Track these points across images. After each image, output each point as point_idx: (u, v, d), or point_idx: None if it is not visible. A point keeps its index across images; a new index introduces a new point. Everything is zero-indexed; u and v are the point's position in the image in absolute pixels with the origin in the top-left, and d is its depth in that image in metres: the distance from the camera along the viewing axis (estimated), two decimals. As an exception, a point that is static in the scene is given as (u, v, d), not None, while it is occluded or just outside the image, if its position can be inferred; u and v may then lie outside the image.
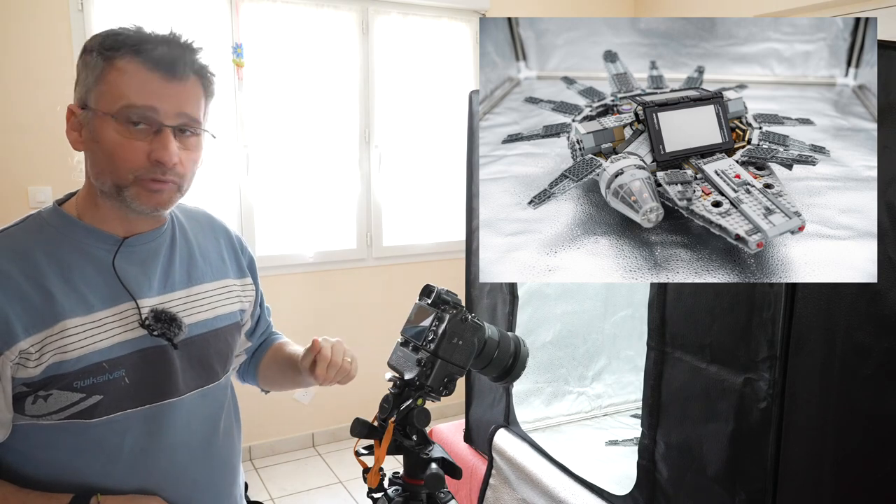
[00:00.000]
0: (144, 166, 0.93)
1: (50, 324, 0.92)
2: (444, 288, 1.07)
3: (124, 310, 0.98)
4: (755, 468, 1.13)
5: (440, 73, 3.50)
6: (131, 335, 0.98)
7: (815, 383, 1.09)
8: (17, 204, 2.74)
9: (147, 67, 0.92)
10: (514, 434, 1.85)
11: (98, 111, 0.93)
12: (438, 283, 1.08)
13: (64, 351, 0.92)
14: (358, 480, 3.00)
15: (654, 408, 1.34)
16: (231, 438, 1.15)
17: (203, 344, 1.07)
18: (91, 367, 0.93)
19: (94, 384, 0.94)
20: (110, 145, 0.93)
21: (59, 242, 0.97)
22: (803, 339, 1.07)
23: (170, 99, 0.94)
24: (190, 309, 1.06)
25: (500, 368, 1.12)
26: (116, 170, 0.94)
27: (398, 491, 1.03)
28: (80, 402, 0.93)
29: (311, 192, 3.29)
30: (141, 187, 0.95)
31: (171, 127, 0.94)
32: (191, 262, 1.10)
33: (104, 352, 0.95)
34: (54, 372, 0.92)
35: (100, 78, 0.93)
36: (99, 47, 0.93)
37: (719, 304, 1.18)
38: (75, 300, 0.95)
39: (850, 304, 1.09)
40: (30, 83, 2.70)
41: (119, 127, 0.92)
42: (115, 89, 0.92)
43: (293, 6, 3.10)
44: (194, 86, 0.97)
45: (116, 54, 0.92)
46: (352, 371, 1.14)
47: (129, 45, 0.92)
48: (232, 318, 1.14)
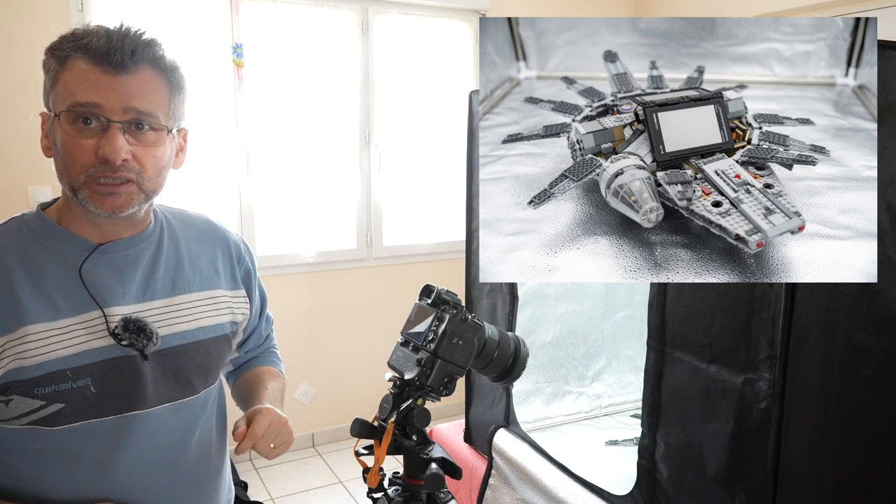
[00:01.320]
0: (93, 164, 0.90)
1: (12, 328, 0.91)
2: (444, 288, 1.07)
3: (92, 318, 0.95)
4: (755, 468, 1.13)
5: (440, 73, 3.50)
6: (99, 343, 0.95)
7: (815, 383, 1.09)
8: (17, 204, 2.74)
9: (91, 62, 0.90)
10: (514, 434, 1.85)
11: (54, 113, 0.92)
12: (438, 283, 1.08)
13: (23, 357, 0.90)
14: (358, 480, 3.00)
15: (654, 408, 1.34)
16: (207, 457, 1.10)
17: (180, 356, 1.03)
18: (53, 374, 0.91)
19: (55, 392, 0.91)
20: (61, 146, 0.91)
21: (34, 246, 0.96)
22: (803, 339, 1.07)
23: (114, 93, 0.90)
24: (169, 319, 1.03)
25: (500, 368, 1.12)
26: (69, 171, 0.91)
27: (398, 491, 1.03)
28: (41, 410, 0.91)
29: (311, 192, 3.29)
30: (92, 189, 0.92)
31: (121, 122, 0.91)
32: (177, 271, 1.06)
33: (67, 359, 0.92)
34: (13, 377, 0.90)
35: (55, 80, 0.92)
36: (52, 49, 0.92)
37: (719, 304, 1.18)
38: (43, 305, 0.93)
39: (850, 304, 1.09)
40: (30, 83, 2.70)
41: (68, 127, 0.90)
42: (65, 89, 0.91)
43: (293, 6, 3.10)
44: (147, 78, 0.93)
45: (64, 53, 0.91)
46: (271, 454, 1.02)
47: (73, 42, 0.90)
48: (219, 330, 1.09)
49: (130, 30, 0.92)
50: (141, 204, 0.96)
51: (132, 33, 0.92)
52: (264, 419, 1.00)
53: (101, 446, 0.96)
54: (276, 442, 1.01)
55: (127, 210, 0.95)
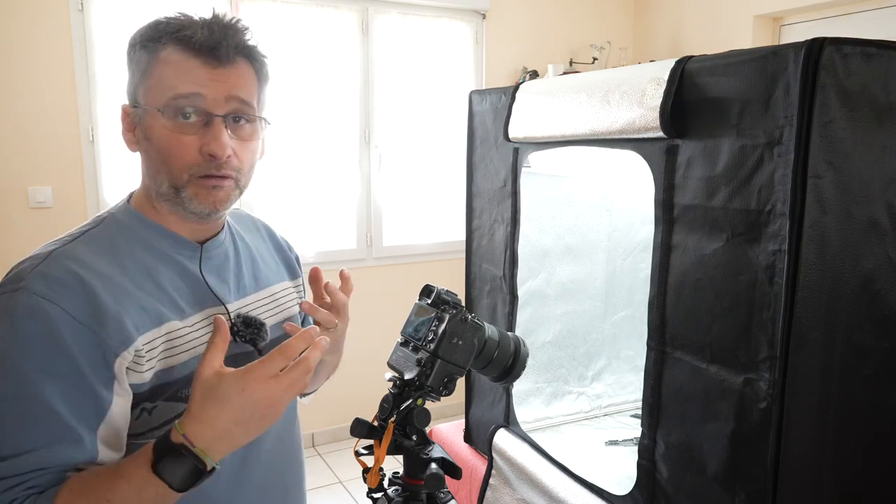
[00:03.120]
0: (198, 162, 0.87)
1: (158, 323, 0.87)
2: (444, 288, 1.07)
3: (211, 315, 0.94)
4: (755, 468, 1.13)
5: (440, 73, 3.51)
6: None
7: (815, 383, 1.09)
8: (17, 204, 2.74)
9: (189, 54, 0.86)
10: (514, 434, 1.85)
11: (147, 107, 0.88)
12: (438, 283, 1.08)
13: (171, 355, 0.87)
14: (358, 480, 2.99)
15: (654, 408, 1.34)
16: (300, 445, 1.14)
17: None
18: (195, 373, 0.85)
19: None
20: (162, 142, 0.87)
21: (139, 245, 0.92)
22: (803, 339, 1.07)
23: (217, 84, 0.87)
24: (265, 313, 1.03)
25: (500, 368, 1.12)
26: (171, 168, 0.88)
27: (398, 491, 1.03)
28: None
29: (311, 192, 3.29)
30: (198, 186, 0.88)
31: (222, 116, 0.87)
32: (254, 266, 1.06)
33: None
34: (162, 380, 0.86)
35: (146, 72, 0.87)
36: (141, 40, 0.88)
37: (719, 304, 1.18)
38: (168, 303, 0.90)
39: (850, 304, 1.09)
40: (30, 83, 2.70)
41: (168, 122, 0.86)
42: (162, 82, 0.86)
43: (293, 6, 3.10)
44: (243, 69, 0.90)
45: (158, 45, 0.86)
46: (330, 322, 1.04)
47: (169, 33, 0.86)
48: (296, 321, 1.11)
49: (226, 19, 0.88)
50: (235, 199, 0.94)
51: (231, 24, 0.88)
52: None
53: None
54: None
55: (226, 206, 0.93)
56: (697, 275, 1.22)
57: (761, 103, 1.08)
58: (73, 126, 2.81)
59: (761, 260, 1.10)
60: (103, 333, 0.81)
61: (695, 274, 1.23)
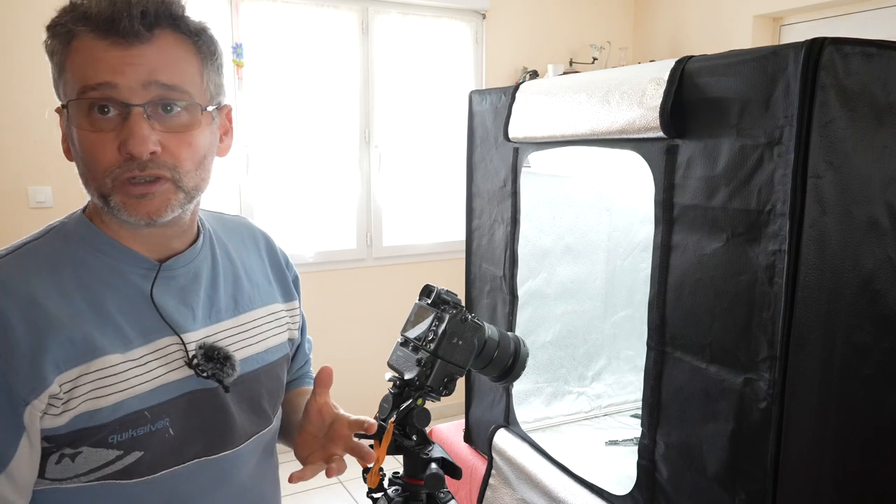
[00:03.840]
0: (118, 163, 0.73)
1: (86, 359, 0.73)
2: (444, 288, 1.07)
3: (166, 345, 0.80)
4: (755, 468, 1.13)
5: (440, 73, 3.51)
6: (175, 376, 0.80)
7: (815, 383, 1.09)
8: (17, 204, 2.74)
9: (96, 35, 0.71)
10: (514, 434, 1.85)
11: (63, 105, 0.75)
12: (438, 283, 1.08)
13: (98, 395, 0.74)
14: (358, 480, 2.99)
15: (654, 408, 1.34)
16: (277, 489, 1.00)
17: (254, 383, 0.90)
18: (130, 415, 0.75)
19: (133, 438, 0.76)
20: (80, 144, 0.74)
21: (86, 262, 0.79)
22: (803, 339, 1.07)
23: (131, 69, 0.71)
24: (239, 342, 0.89)
25: (500, 368, 1.12)
26: (92, 175, 0.74)
27: (398, 491, 1.03)
28: (117, 461, 0.75)
29: (311, 192, 3.29)
30: (124, 193, 0.74)
31: (142, 106, 0.72)
32: (236, 286, 0.91)
33: (145, 397, 0.77)
34: (85, 423, 0.73)
35: (61, 66, 0.74)
36: (51, 27, 0.74)
37: (719, 304, 1.18)
38: (112, 332, 0.76)
39: (850, 304, 1.09)
40: (30, 83, 2.70)
41: (82, 119, 0.73)
42: (73, 74, 0.73)
43: (293, 6, 3.10)
44: (168, 44, 0.74)
45: (65, 29, 0.73)
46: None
47: (72, 13, 0.72)
48: (282, 350, 0.97)
49: None
50: (182, 205, 0.78)
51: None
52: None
53: (184, 498, 0.82)
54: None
55: (166, 215, 0.77)
56: (697, 275, 1.22)
57: (761, 103, 1.08)
58: (73, 126, 2.81)
59: (761, 260, 1.10)
60: (12, 377, 0.70)
61: (695, 274, 1.23)
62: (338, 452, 0.90)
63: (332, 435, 0.91)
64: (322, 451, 0.91)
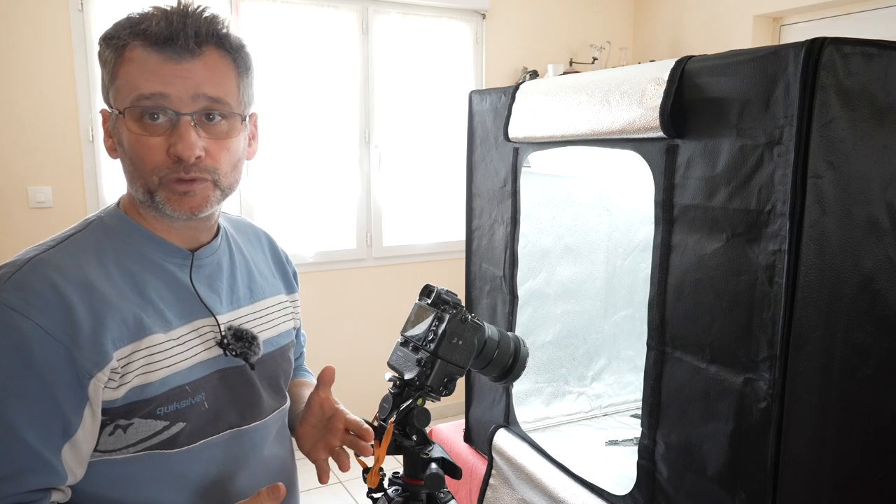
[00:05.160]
0: (166, 164, 0.83)
1: (138, 337, 0.82)
2: (444, 288, 1.07)
3: (200, 326, 0.90)
4: (755, 468, 1.13)
5: (440, 73, 3.51)
6: (209, 355, 0.90)
7: (815, 383, 1.09)
8: (17, 204, 2.74)
9: (152, 49, 0.81)
10: (514, 434, 1.85)
11: (116, 111, 0.84)
12: (438, 283, 1.08)
13: (148, 371, 0.83)
14: (358, 480, 2.99)
15: (654, 408, 1.34)
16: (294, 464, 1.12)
17: (272, 363, 1.00)
18: (175, 390, 0.85)
19: (178, 410, 0.85)
20: (129, 146, 0.83)
21: (126, 251, 0.87)
22: (803, 339, 1.07)
23: (182, 81, 0.81)
24: (257, 326, 0.99)
25: (500, 368, 1.12)
26: (141, 173, 0.84)
27: (398, 491, 1.03)
28: (164, 432, 0.84)
29: (311, 192, 3.29)
30: (169, 190, 0.84)
31: (190, 115, 0.82)
32: (250, 277, 1.02)
33: (185, 373, 0.86)
34: (137, 397, 0.82)
35: (114, 73, 0.83)
36: (107, 39, 0.83)
37: (719, 304, 1.18)
38: (154, 314, 0.85)
39: (850, 304, 1.09)
40: (30, 83, 2.70)
41: (134, 124, 0.82)
42: (127, 83, 0.82)
43: (293, 6, 3.10)
44: (214, 61, 0.84)
45: (121, 42, 0.82)
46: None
47: (130, 28, 0.81)
48: (290, 336, 1.08)
49: (189, 8, 0.83)
50: (218, 202, 0.89)
51: (193, 12, 0.82)
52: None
53: (219, 465, 0.91)
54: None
55: (205, 210, 0.87)
56: (697, 275, 1.22)
57: (761, 103, 1.07)
58: (73, 126, 2.81)
59: (761, 260, 1.10)
60: (77, 353, 0.77)
61: (695, 274, 1.23)
62: (336, 444, 1.01)
63: (331, 427, 1.01)
64: (323, 442, 1.02)
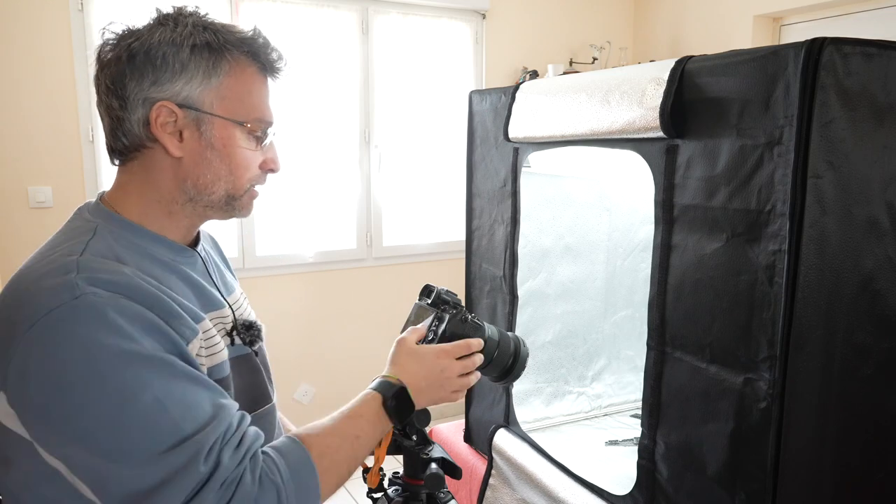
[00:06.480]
0: (259, 176, 0.94)
1: (198, 321, 0.84)
2: (444, 288, 1.07)
3: (215, 317, 0.92)
4: (755, 468, 1.13)
5: (440, 73, 3.51)
6: (225, 342, 0.93)
7: (815, 383, 1.09)
8: (17, 204, 2.74)
9: (256, 69, 0.90)
10: (514, 434, 1.85)
11: (223, 117, 0.86)
12: (438, 283, 1.08)
13: (209, 354, 0.86)
14: (358, 480, 2.99)
15: (654, 408, 1.34)
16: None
17: (262, 351, 1.05)
18: (224, 379, 0.89)
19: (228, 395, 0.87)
20: (235, 156, 0.89)
21: (138, 252, 0.87)
22: (803, 339, 1.07)
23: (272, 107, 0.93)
24: (244, 314, 1.03)
25: (501, 368, 1.12)
26: (237, 179, 0.90)
27: (398, 491, 1.03)
28: None
29: (311, 192, 3.29)
30: (250, 196, 0.95)
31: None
32: (221, 271, 1.06)
33: (225, 364, 0.90)
34: (212, 376, 0.85)
35: (213, 76, 0.85)
36: (201, 41, 0.83)
37: (719, 304, 1.18)
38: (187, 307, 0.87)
39: (850, 304, 1.09)
40: (30, 83, 2.70)
41: (246, 140, 0.90)
42: (242, 98, 0.88)
43: (293, 6, 3.10)
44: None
45: (225, 50, 0.85)
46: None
47: (235, 43, 0.86)
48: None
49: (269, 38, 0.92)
50: None
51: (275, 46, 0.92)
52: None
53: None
54: None
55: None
56: (697, 275, 1.22)
57: (761, 103, 1.08)
58: (73, 126, 2.81)
59: (761, 260, 1.10)
60: (174, 322, 0.79)
61: (695, 274, 1.23)
62: None
63: None
64: None
